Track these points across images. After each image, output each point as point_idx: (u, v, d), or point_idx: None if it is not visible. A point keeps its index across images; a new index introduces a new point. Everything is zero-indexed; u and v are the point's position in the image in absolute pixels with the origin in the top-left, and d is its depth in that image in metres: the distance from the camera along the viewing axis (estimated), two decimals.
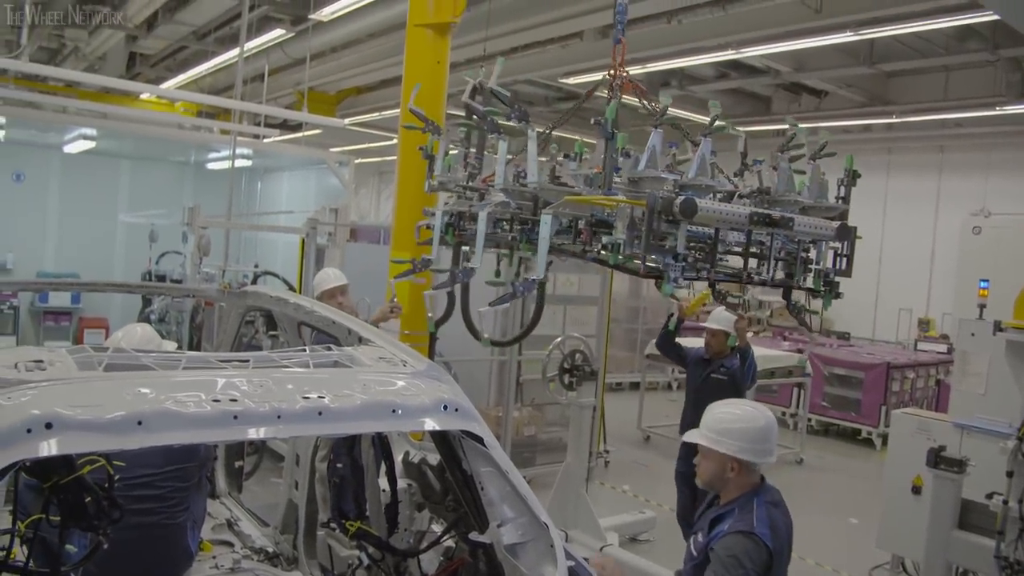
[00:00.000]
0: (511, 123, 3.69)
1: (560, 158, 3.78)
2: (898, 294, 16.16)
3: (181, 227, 10.26)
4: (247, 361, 2.38)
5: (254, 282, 10.59)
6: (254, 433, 2.04)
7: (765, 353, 11.06)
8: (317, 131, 15.24)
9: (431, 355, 5.22)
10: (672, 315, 6.80)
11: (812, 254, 3.71)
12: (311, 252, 7.83)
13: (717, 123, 3.37)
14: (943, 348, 13.41)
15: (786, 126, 15.69)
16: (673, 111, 15.03)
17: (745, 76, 13.88)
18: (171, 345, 3.81)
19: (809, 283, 3.71)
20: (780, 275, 3.67)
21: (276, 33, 12.13)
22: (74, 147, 13.78)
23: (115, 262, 14.81)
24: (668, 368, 13.28)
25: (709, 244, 3.39)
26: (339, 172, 12.26)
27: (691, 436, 3.51)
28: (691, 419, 6.35)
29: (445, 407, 2.36)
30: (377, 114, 16.48)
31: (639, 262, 3.21)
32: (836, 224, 3.48)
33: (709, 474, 3.47)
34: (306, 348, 2.59)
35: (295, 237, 9.18)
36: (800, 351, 12.00)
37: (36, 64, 10.78)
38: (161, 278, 12.95)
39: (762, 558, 3.18)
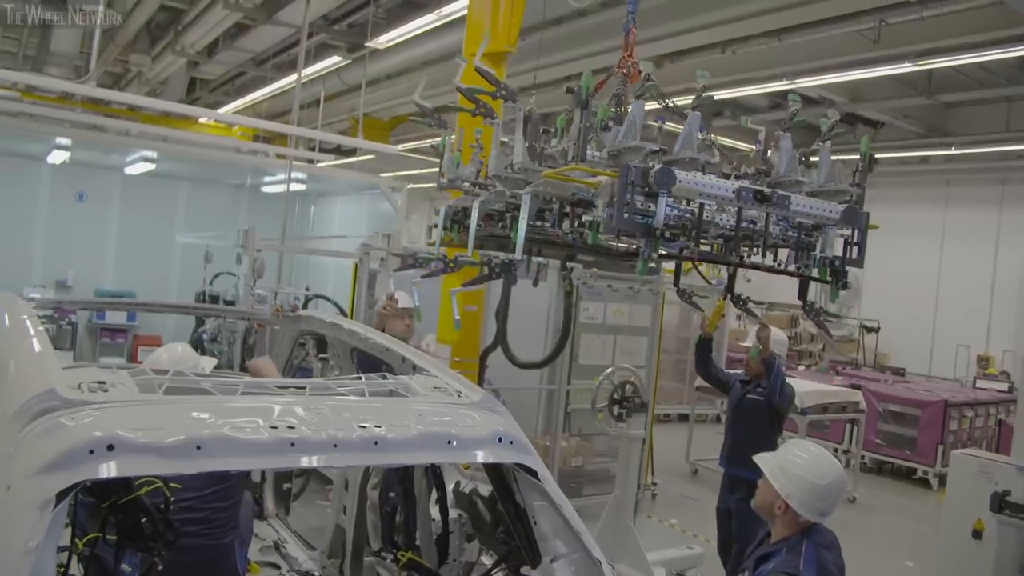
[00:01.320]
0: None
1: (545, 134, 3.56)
2: (956, 330, 15.78)
3: (235, 249, 10.42)
4: (304, 388, 2.39)
5: (305, 305, 10.70)
6: (310, 461, 2.04)
7: (817, 387, 10.86)
8: (370, 156, 15.43)
9: (480, 382, 5.21)
10: (700, 336, 6.59)
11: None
12: (364, 277, 7.89)
13: (705, 94, 3.05)
14: (1004, 386, 13.04)
15: (840, 156, 15.45)
16: (725, 140, 14.92)
17: (805, 107, 13.76)
18: (210, 362, 3.82)
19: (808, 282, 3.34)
20: (777, 263, 3.29)
21: (333, 60, 12.36)
22: (135, 169, 14.12)
23: (170, 281, 15.11)
24: (717, 400, 13.08)
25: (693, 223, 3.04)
26: (391, 198, 12.38)
27: (762, 458, 3.48)
28: (729, 445, 6.29)
29: (500, 439, 2.34)
30: (430, 141, 16.64)
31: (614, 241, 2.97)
32: (842, 207, 3.08)
33: (760, 501, 3.46)
34: (361, 376, 2.59)
35: (346, 261, 9.27)
36: (855, 386, 11.74)
37: (102, 89, 11.10)
38: (215, 298, 13.16)
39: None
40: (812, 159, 3.26)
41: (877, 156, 12.15)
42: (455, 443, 2.26)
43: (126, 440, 1.88)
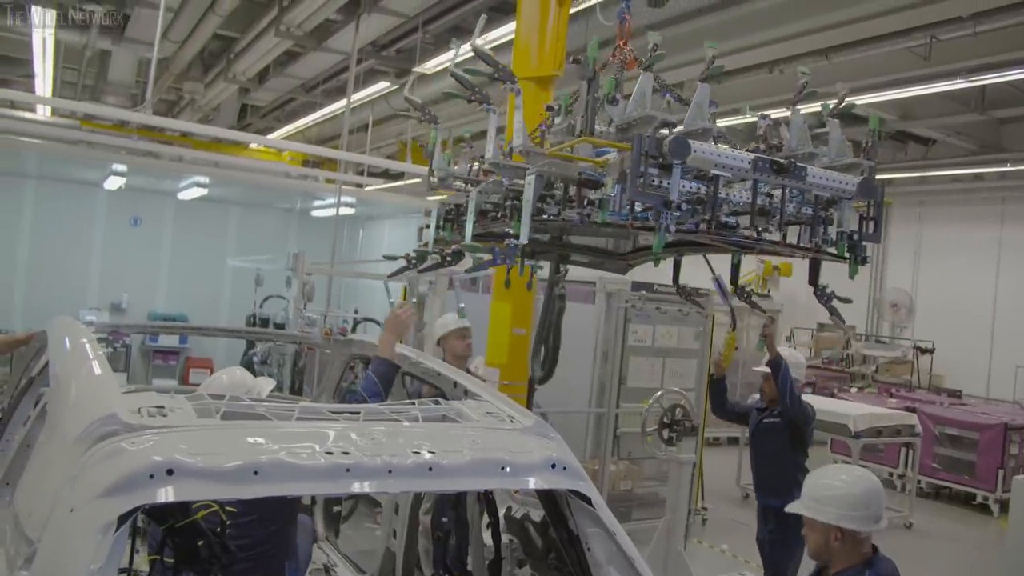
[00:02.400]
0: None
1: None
2: (1014, 351, 15.33)
3: (286, 272, 10.57)
4: (358, 413, 2.40)
5: (354, 329, 10.80)
6: (365, 487, 2.05)
7: (871, 410, 10.64)
8: (418, 180, 15.57)
9: (529, 405, 5.20)
10: (711, 374, 6.26)
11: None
12: (412, 300, 7.96)
13: (715, 65, 2.97)
14: None
15: (890, 175, 15.24)
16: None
17: (848, 124, 13.51)
18: (268, 383, 3.82)
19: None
20: (794, 239, 3.18)
21: (381, 85, 12.52)
22: (187, 194, 14.42)
23: (221, 304, 15.37)
24: None
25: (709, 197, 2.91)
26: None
27: (793, 507, 3.38)
28: (755, 474, 6.10)
29: (553, 465, 2.33)
30: (476, 165, 16.74)
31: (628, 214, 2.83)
32: (858, 179, 3.01)
33: (816, 546, 3.34)
34: (414, 402, 2.60)
35: (394, 284, 9.35)
36: (910, 409, 11.46)
37: (157, 116, 11.36)
38: (265, 321, 13.34)
39: None
40: (822, 132, 3.21)
41: (929, 174, 12.00)
42: (508, 469, 2.25)
43: (185, 465, 1.90)
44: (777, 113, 11.90)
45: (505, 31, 8.90)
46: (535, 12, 6.44)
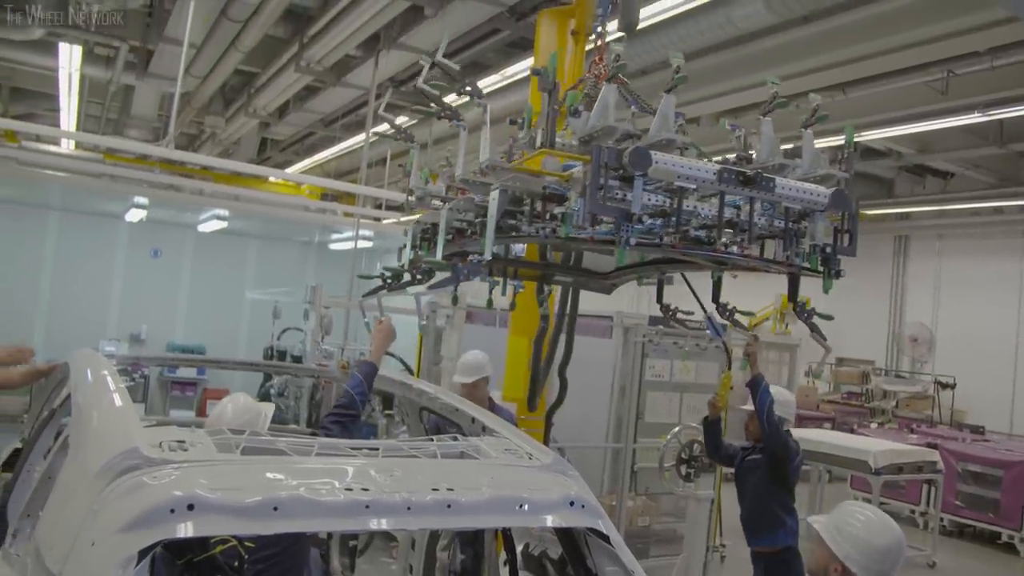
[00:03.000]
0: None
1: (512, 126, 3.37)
2: None
3: (303, 305, 10.63)
4: (377, 449, 2.40)
5: None
6: (384, 524, 2.05)
7: (891, 446, 10.52)
8: None
9: (546, 440, 5.19)
10: (705, 417, 5.87)
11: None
12: (430, 334, 7.97)
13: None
14: None
15: (909, 208, 15.18)
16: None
17: (865, 159, 13.58)
18: (269, 407, 3.91)
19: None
20: (771, 253, 3.05)
21: (399, 120, 12.62)
22: (207, 226, 14.56)
23: (239, 336, 15.44)
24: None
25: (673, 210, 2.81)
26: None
27: (816, 520, 3.37)
28: (742, 515, 5.65)
29: (572, 503, 2.32)
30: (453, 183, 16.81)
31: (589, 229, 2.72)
32: (830, 191, 2.89)
33: (815, 564, 3.33)
34: (432, 438, 2.60)
35: (412, 318, 9.38)
36: (932, 445, 11.31)
37: (179, 151, 11.51)
38: (282, 353, 13.38)
39: None
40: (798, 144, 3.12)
41: (948, 207, 11.92)
42: (527, 507, 2.24)
43: (206, 500, 1.91)
44: (791, 147, 11.92)
45: (522, 67, 9.01)
46: (551, 48, 6.52)
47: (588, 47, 3.09)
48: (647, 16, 7.73)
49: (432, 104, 3.65)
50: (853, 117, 10.46)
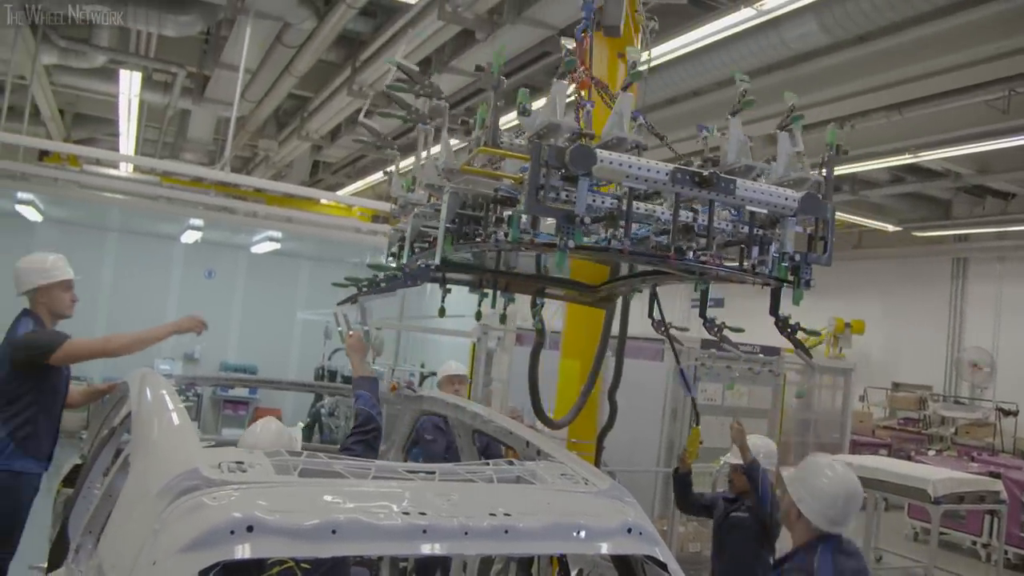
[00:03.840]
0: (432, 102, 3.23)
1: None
2: None
3: (354, 326, 10.70)
4: (433, 473, 2.40)
5: (420, 383, 10.83)
6: (441, 548, 2.04)
7: (951, 475, 10.21)
8: None
9: (597, 463, 5.13)
10: (676, 468, 5.65)
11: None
12: (482, 356, 7.97)
13: (637, 70, 2.70)
14: None
15: (967, 231, 14.80)
16: (843, 217, 14.46)
17: (923, 180, 13.33)
18: (297, 431, 3.99)
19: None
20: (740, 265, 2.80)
21: (450, 143, 12.71)
22: (260, 248, 14.80)
23: (291, 356, 15.63)
24: None
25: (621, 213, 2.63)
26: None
27: (787, 472, 3.67)
28: (718, 572, 5.44)
29: (629, 530, 2.29)
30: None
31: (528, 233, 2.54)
32: (800, 194, 2.64)
33: (782, 507, 3.66)
34: (488, 462, 2.59)
35: (463, 339, 9.39)
36: (994, 474, 10.96)
37: (234, 173, 11.74)
38: (332, 373, 13.50)
39: None
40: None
41: (1009, 229, 11.54)
42: (583, 534, 2.21)
43: (265, 522, 1.91)
44: (849, 168, 11.73)
45: (569, 90, 9.02)
46: (603, 70, 6.51)
47: (568, 54, 2.88)
48: (700, 38, 7.70)
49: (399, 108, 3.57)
50: (910, 138, 10.33)
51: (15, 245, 13.82)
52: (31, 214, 12.98)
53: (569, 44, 2.88)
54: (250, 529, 1.90)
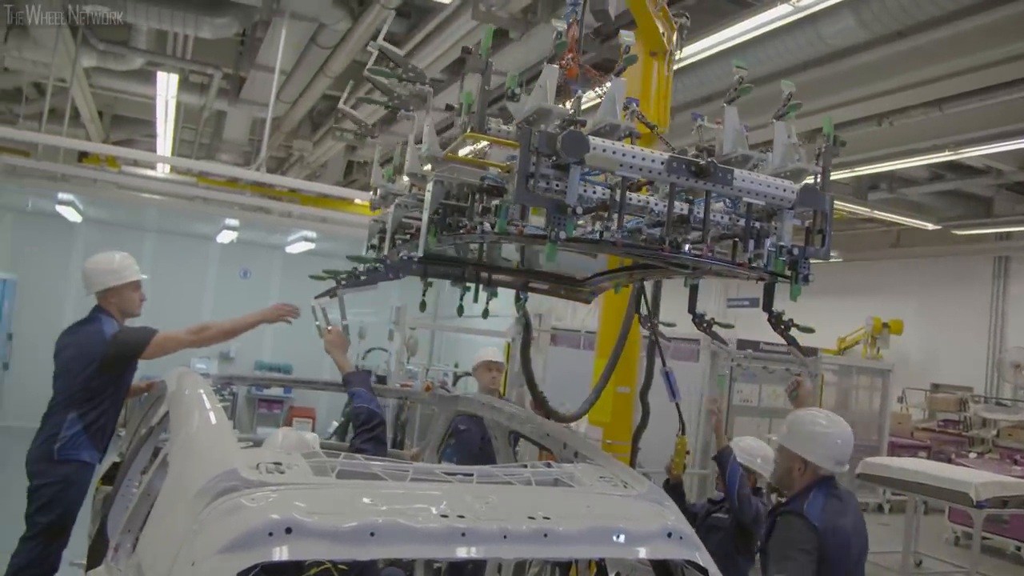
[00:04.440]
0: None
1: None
2: None
3: (388, 325, 10.73)
4: (471, 475, 2.38)
5: (454, 383, 10.85)
6: (479, 552, 2.02)
7: (994, 478, 10.01)
8: None
9: (632, 464, 5.09)
10: (667, 480, 5.36)
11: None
12: (516, 356, 7.96)
13: (629, 55, 2.54)
14: None
15: (1010, 228, 14.47)
16: (882, 214, 14.23)
17: (963, 176, 13.10)
18: (315, 438, 3.98)
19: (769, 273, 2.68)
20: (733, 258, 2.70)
21: (483, 144, 12.71)
22: (295, 247, 14.88)
23: (324, 355, 15.62)
24: (880, 488, 12.31)
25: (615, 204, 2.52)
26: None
27: (779, 435, 3.84)
28: None
29: (670, 534, 2.25)
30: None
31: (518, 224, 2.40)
32: (799, 186, 2.57)
33: (779, 471, 3.84)
34: (526, 464, 2.56)
35: (494, 339, 9.37)
36: None
37: (269, 174, 11.83)
38: (367, 373, 13.53)
39: (811, 534, 3.42)
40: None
41: None
42: (623, 538, 2.18)
43: (303, 524, 1.91)
44: (888, 166, 11.56)
45: (606, 89, 8.98)
46: (637, 70, 6.46)
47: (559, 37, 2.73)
48: (735, 35, 7.62)
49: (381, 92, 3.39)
50: (950, 134, 10.14)
51: (56, 245, 14.12)
52: (71, 215, 13.17)
53: (560, 26, 2.70)
54: (288, 531, 1.90)
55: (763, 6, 7.24)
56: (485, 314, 3.94)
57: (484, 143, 2.84)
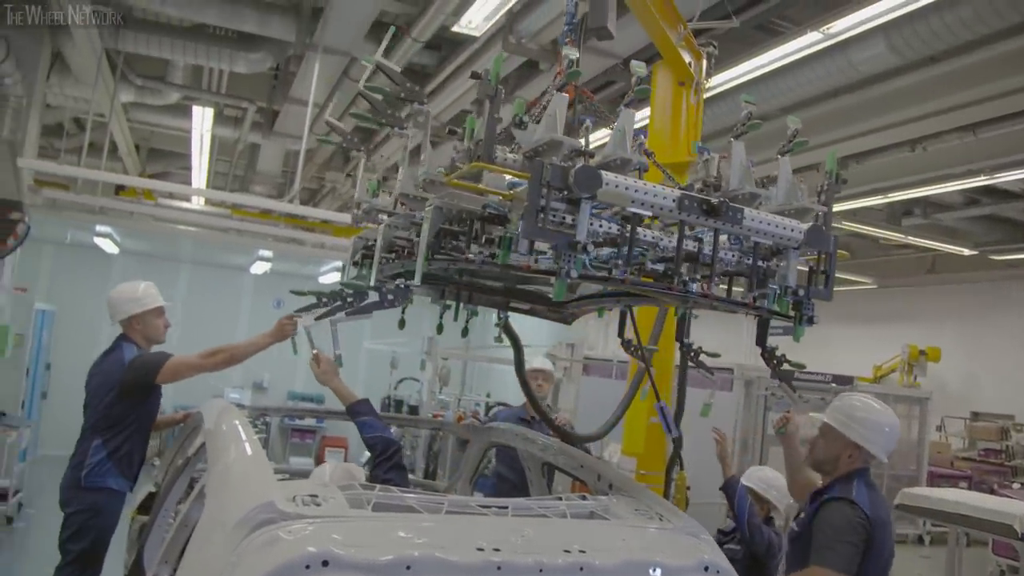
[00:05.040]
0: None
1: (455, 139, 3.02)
2: None
3: (420, 355, 10.76)
4: (506, 508, 2.37)
5: (486, 412, 10.82)
6: None
7: None
8: None
9: (666, 495, 5.04)
10: None
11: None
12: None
13: (641, 86, 2.46)
14: None
15: None
16: (917, 240, 14.07)
17: (998, 201, 12.92)
18: (359, 471, 3.98)
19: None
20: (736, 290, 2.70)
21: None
22: (328, 278, 15.02)
23: (357, 385, 15.63)
24: (919, 520, 12.06)
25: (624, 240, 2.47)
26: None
27: (816, 416, 3.82)
28: None
29: (707, 568, 2.23)
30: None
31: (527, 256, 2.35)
32: (806, 226, 2.55)
33: (825, 454, 3.71)
34: (561, 497, 2.55)
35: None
36: None
37: (302, 206, 11.96)
38: (399, 403, 13.57)
39: (864, 525, 3.37)
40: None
41: None
42: (659, 572, 2.16)
43: (340, 557, 1.91)
44: (921, 192, 11.42)
45: (639, 116, 9.01)
46: (667, 100, 6.48)
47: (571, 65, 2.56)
48: (765, 63, 7.62)
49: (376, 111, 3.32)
50: (986, 159, 10.04)
51: (94, 276, 14.37)
52: (108, 246, 13.41)
53: (572, 54, 2.63)
54: (325, 564, 1.90)
55: (792, 34, 7.25)
56: (464, 332, 3.92)
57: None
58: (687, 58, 6.44)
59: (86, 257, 14.28)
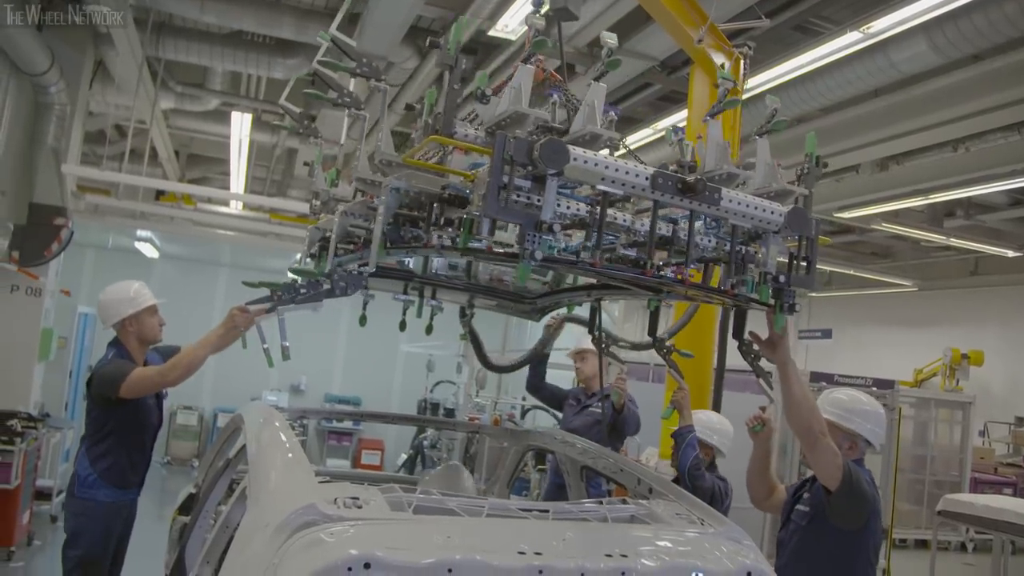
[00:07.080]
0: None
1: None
2: None
3: (456, 358, 10.79)
4: (547, 511, 2.37)
5: (523, 416, 10.81)
6: None
7: None
8: None
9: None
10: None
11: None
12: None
13: (611, 59, 2.30)
14: None
15: None
16: (959, 242, 13.84)
17: None
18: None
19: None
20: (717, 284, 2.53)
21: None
22: None
23: (393, 387, 15.84)
24: (962, 527, 11.84)
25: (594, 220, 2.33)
26: (608, 306, 12.46)
27: (827, 413, 3.67)
28: None
29: (749, 573, 2.21)
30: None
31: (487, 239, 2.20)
32: (787, 208, 2.41)
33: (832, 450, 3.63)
34: (602, 500, 2.54)
35: (562, 371, 9.35)
36: None
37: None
38: (435, 405, 13.61)
39: (873, 494, 3.49)
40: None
41: None
42: None
43: (382, 559, 1.92)
44: (964, 192, 11.21)
45: (672, 120, 8.99)
46: (704, 101, 6.45)
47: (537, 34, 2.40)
48: (804, 64, 7.54)
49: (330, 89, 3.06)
50: None
51: (134, 280, 14.57)
52: (149, 251, 13.61)
53: (538, 23, 2.49)
54: (367, 566, 1.91)
55: (832, 34, 7.17)
56: (428, 330, 3.88)
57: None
58: (719, 60, 6.41)
59: (127, 261, 14.51)
